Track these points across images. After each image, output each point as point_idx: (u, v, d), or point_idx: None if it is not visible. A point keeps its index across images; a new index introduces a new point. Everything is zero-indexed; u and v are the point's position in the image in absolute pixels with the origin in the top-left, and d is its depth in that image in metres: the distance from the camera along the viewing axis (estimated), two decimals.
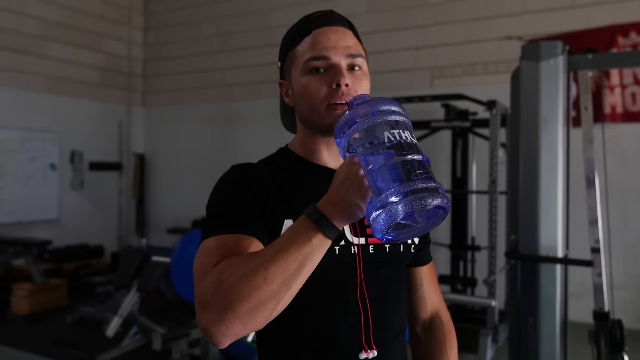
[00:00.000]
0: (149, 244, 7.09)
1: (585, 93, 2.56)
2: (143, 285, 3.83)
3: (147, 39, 7.72)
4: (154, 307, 4.63)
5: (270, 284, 0.79)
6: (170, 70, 7.48)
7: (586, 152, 2.56)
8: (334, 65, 0.99)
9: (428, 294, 1.20)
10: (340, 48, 1.00)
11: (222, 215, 0.95)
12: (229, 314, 0.79)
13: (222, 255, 0.87)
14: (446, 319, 1.21)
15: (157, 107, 7.64)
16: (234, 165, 1.06)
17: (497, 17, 5.29)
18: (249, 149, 6.78)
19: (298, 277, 0.81)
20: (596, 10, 4.90)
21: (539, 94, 2.49)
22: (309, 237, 0.82)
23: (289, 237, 0.83)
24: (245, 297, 0.78)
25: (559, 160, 2.49)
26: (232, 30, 6.93)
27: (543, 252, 2.50)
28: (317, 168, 1.08)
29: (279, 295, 0.80)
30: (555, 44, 2.50)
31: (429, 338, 1.19)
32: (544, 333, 2.52)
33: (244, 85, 6.84)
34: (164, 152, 7.51)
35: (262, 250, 0.86)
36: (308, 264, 0.82)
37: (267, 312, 0.80)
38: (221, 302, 0.79)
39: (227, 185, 1.02)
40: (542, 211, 2.50)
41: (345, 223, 0.84)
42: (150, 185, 7.62)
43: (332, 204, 0.83)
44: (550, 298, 2.51)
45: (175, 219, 7.17)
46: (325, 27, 1.02)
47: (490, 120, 3.98)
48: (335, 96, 0.98)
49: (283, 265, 0.80)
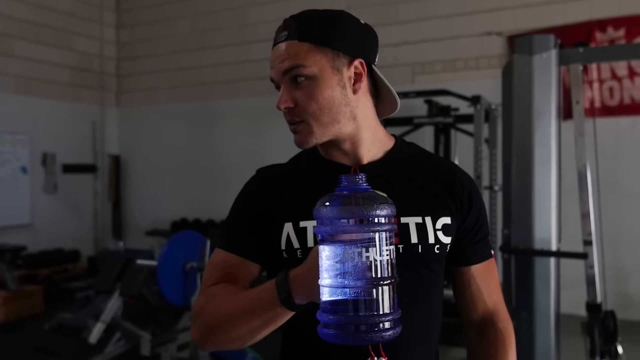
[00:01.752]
0: (127, 247, 6.96)
1: (576, 86, 2.57)
2: (126, 289, 3.73)
3: (119, 37, 7.56)
4: (135, 311, 4.53)
5: (237, 331, 0.93)
6: (145, 69, 7.33)
7: (578, 146, 2.57)
8: (279, 85, 1.00)
9: (478, 295, 1.10)
10: (276, 68, 0.98)
11: (231, 229, 1.06)
12: (206, 338, 0.97)
13: (220, 275, 1.02)
14: (502, 325, 1.10)
15: (132, 107, 7.48)
16: (258, 170, 1.11)
17: (477, 12, 5.32)
18: (228, 148, 6.69)
19: (262, 331, 0.92)
20: (574, 6, 4.97)
21: (532, 88, 2.49)
22: (273, 306, 0.88)
23: (258, 297, 0.91)
24: (218, 334, 0.95)
25: (552, 153, 2.49)
26: (208, 28, 6.82)
27: (537, 245, 2.49)
28: (330, 165, 1.06)
29: (245, 339, 0.94)
30: (547, 37, 2.50)
31: (481, 344, 1.11)
32: (539, 326, 2.52)
33: (222, 83, 6.75)
34: (140, 152, 7.36)
35: (238, 296, 0.95)
36: (271, 324, 0.91)
37: (237, 345, 0.96)
38: (203, 328, 0.97)
39: (240, 197, 1.09)
40: (536, 205, 2.49)
41: (308, 302, 0.87)
42: (127, 186, 7.46)
43: (300, 284, 0.86)
44: (544, 291, 2.51)
45: (153, 220, 7.04)
46: (275, 44, 1.00)
47: (475, 115, 3.99)
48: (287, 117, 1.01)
49: (249, 321, 0.91)
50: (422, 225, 1.01)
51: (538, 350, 2.51)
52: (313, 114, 0.98)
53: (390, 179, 1.05)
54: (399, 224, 1.00)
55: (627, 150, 4.75)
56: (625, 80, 4.84)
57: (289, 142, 4.90)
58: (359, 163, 1.05)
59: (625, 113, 4.82)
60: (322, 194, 0.84)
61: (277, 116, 5.56)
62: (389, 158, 1.07)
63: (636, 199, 4.74)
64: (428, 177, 1.08)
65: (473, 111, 4.01)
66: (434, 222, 1.02)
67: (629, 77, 4.83)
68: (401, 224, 1.00)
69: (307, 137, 1.00)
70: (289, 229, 0.99)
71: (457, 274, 1.10)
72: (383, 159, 1.06)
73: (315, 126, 1.00)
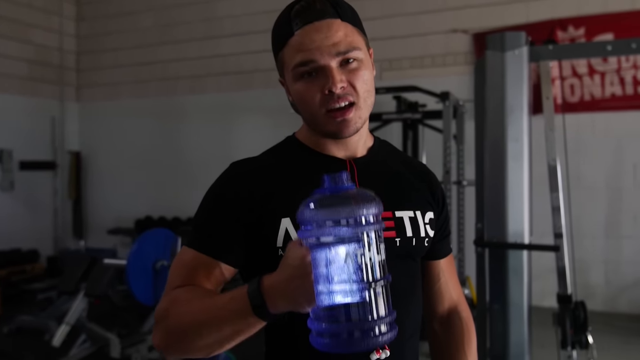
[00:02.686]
0: (88, 246, 6.79)
1: (546, 83, 2.62)
2: (92, 289, 3.63)
3: (80, 30, 7.34)
4: (99, 312, 4.41)
5: (204, 340, 0.86)
6: (107, 63, 7.14)
7: (548, 141, 2.63)
8: (323, 67, 0.91)
9: (445, 288, 1.15)
10: (326, 48, 0.91)
11: (201, 227, 0.98)
12: (168, 347, 0.89)
13: (187, 275, 0.94)
14: (465, 315, 1.16)
15: (93, 102, 7.28)
16: (231, 164, 1.02)
17: (442, 10, 5.38)
18: (194, 144, 6.59)
19: (231, 341, 0.86)
20: (536, 5, 5.08)
21: (505, 84, 2.52)
22: (245, 316, 0.81)
23: (228, 307, 0.83)
24: (182, 342, 0.87)
25: (524, 149, 2.54)
26: (173, 22, 6.70)
27: (511, 239, 2.54)
28: (324, 158, 1.02)
29: (212, 348, 0.87)
30: (519, 34, 2.54)
31: (446, 334, 1.15)
32: (513, 318, 2.57)
33: (188, 78, 6.63)
34: (102, 149, 7.17)
35: (207, 303, 0.87)
36: (242, 334, 0.85)
37: (204, 354, 0.88)
38: (165, 334, 0.89)
39: (215, 194, 1.00)
40: (509, 199, 2.54)
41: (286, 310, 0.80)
42: (88, 184, 7.26)
43: (277, 293, 0.78)
44: (518, 283, 2.56)
45: (116, 219, 6.88)
46: (307, 25, 0.92)
47: (444, 111, 4.04)
48: (331, 101, 0.92)
49: (218, 330, 0.84)
50: (414, 219, 1.03)
51: (512, 341, 2.56)
52: (363, 95, 0.94)
53: (381, 173, 1.05)
54: (394, 217, 1.01)
55: (587, 146, 4.89)
56: (585, 77, 4.98)
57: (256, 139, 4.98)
58: (354, 156, 1.04)
59: (585, 109, 4.96)
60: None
61: (245, 112, 5.58)
62: (374, 154, 1.07)
63: (596, 192, 4.89)
64: (411, 174, 1.11)
65: (442, 107, 4.05)
66: (423, 216, 1.05)
67: (588, 74, 4.97)
68: (396, 218, 1.01)
69: (357, 122, 0.95)
70: (287, 225, 0.93)
71: (427, 267, 1.13)
72: (369, 155, 1.06)
73: (364, 110, 0.96)
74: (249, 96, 6.26)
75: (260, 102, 6.16)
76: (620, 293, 4.89)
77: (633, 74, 4.81)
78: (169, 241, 3.12)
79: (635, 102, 4.83)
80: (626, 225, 4.88)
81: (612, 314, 4.67)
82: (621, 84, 4.86)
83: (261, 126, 6.17)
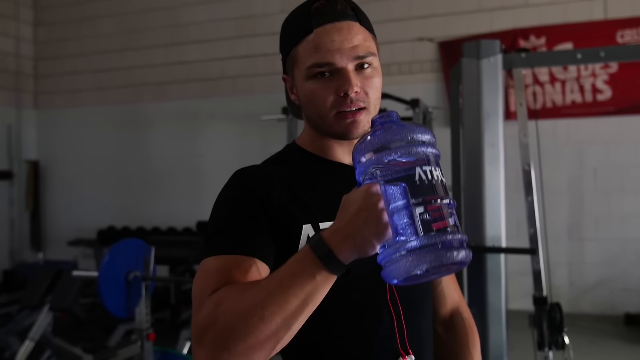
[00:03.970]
0: (47, 259, 6.56)
1: (520, 90, 2.69)
2: (58, 302, 3.49)
3: (37, 35, 7.11)
4: (63, 326, 4.26)
5: (269, 324, 0.74)
6: (67, 70, 6.94)
7: (522, 146, 2.69)
8: (339, 69, 0.91)
9: (448, 290, 1.16)
10: (345, 50, 0.90)
11: (223, 232, 0.89)
12: (224, 354, 0.75)
13: (220, 280, 0.82)
14: (467, 315, 1.17)
15: (52, 109, 7.06)
16: (237, 171, 0.98)
17: (409, 19, 5.46)
18: (158, 153, 6.47)
19: (299, 316, 0.76)
20: (499, 15, 5.22)
21: (481, 90, 2.57)
22: (312, 274, 0.75)
23: (290, 272, 0.76)
24: (242, 337, 0.74)
25: (500, 154, 2.59)
26: (136, 28, 6.57)
27: (489, 242, 2.58)
28: (331, 165, 1.01)
29: (278, 335, 0.75)
30: (494, 42, 2.59)
31: (450, 335, 1.14)
32: (492, 321, 2.60)
33: (152, 85, 6.51)
34: (62, 157, 6.95)
35: (261, 283, 0.79)
36: (310, 302, 0.76)
37: (266, 351, 0.76)
38: (216, 341, 0.75)
39: (230, 195, 0.94)
40: (487, 203, 2.58)
41: (353, 258, 0.76)
42: (47, 194, 7.02)
43: (342, 236, 0.74)
44: (496, 286, 2.60)
45: (77, 229, 6.67)
46: (328, 24, 0.91)
47: (414, 118, 4.09)
48: (344, 104, 0.91)
49: (283, 304, 0.75)
50: None
51: (491, 343, 2.59)
52: (373, 102, 0.94)
53: None
54: None
55: (549, 152, 5.03)
56: (547, 85, 5.14)
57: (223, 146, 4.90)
58: None
59: (546, 116, 5.11)
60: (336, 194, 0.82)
61: (211, 120, 5.50)
62: None
63: (558, 196, 5.03)
64: None
65: (411, 114, 4.11)
66: None
67: (550, 82, 5.13)
68: None
69: (365, 125, 0.94)
70: (309, 231, 0.92)
71: None
72: None
73: (372, 116, 0.94)
74: (215, 103, 6.19)
75: (226, 109, 6.11)
76: (583, 294, 5.04)
77: (592, 82, 4.99)
78: (141, 252, 3.04)
79: (594, 110, 5.01)
80: (588, 228, 5.04)
81: (576, 314, 4.80)
82: (581, 91, 5.03)
83: (228, 133, 6.11)
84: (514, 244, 2.70)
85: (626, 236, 4.91)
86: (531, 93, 5.14)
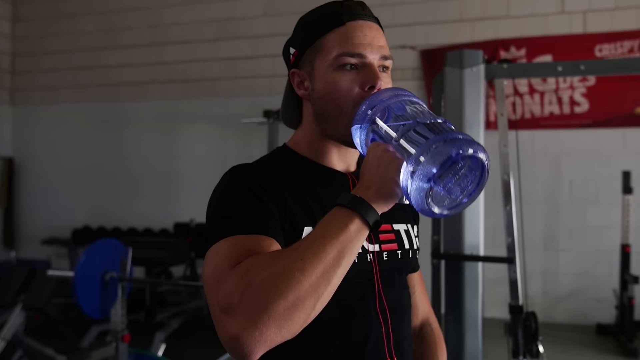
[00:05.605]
0: (19, 257, 6.43)
1: (501, 100, 2.72)
2: (31, 302, 3.43)
3: (15, 31, 6.99)
4: (34, 326, 4.18)
5: (309, 277, 0.72)
6: (45, 66, 6.82)
7: (502, 156, 2.72)
8: (368, 64, 0.93)
9: (419, 300, 1.19)
10: (375, 47, 0.94)
11: (234, 216, 0.85)
12: (263, 316, 0.70)
13: (240, 255, 0.78)
14: (435, 326, 1.20)
15: (29, 106, 6.93)
16: (236, 166, 0.96)
17: (391, 26, 5.48)
18: (136, 153, 6.40)
19: (338, 269, 0.75)
20: (481, 25, 5.28)
21: (463, 100, 2.60)
22: (345, 223, 0.77)
23: (323, 226, 0.78)
24: (282, 294, 0.70)
25: None
26: (116, 27, 6.49)
27: (467, 251, 2.60)
28: (328, 171, 1.01)
29: (319, 289, 0.73)
30: (476, 52, 2.63)
31: (420, 345, 1.17)
32: (468, 328, 2.62)
33: (131, 84, 6.44)
34: (38, 155, 6.83)
35: (292, 245, 0.78)
36: (347, 252, 0.76)
37: (306, 311, 0.73)
38: (253, 303, 0.70)
39: (237, 185, 0.91)
40: (466, 212, 2.60)
41: (383, 204, 0.80)
42: (21, 192, 6.89)
43: (366, 187, 0.80)
44: (473, 295, 2.62)
45: (52, 228, 6.55)
46: (360, 20, 0.95)
47: None
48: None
49: (321, 255, 0.74)
50: (407, 232, 1.07)
51: (467, 351, 2.61)
52: None
53: None
54: (393, 230, 1.02)
55: (526, 162, 5.09)
56: (526, 96, 5.22)
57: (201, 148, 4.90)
58: (349, 169, 1.05)
59: (525, 127, 5.18)
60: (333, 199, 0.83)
61: (190, 121, 5.49)
62: (359, 167, 1.07)
63: (534, 206, 5.10)
64: None
65: None
66: (413, 229, 1.07)
67: (529, 93, 5.21)
68: (395, 230, 1.02)
69: None
70: None
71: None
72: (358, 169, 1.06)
73: None
74: (195, 105, 6.15)
75: (207, 111, 6.07)
76: (556, 303, 5.11)
77: (570, 94, 5.08)
78: (118, 252, 3.00)
79: (572, 121, 5.10)
80: (563, 238, 5.12)
81: (550, 323, 4.87)
82: (559, 103, 5.12)
83: (207, 136, 6.08)
84: (491, 252, 2.73)
85: (599, 247, 5.00)
86: (510, 104, 5.21)
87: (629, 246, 4.45)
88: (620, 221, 4.58)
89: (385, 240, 1.00)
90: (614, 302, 4.69)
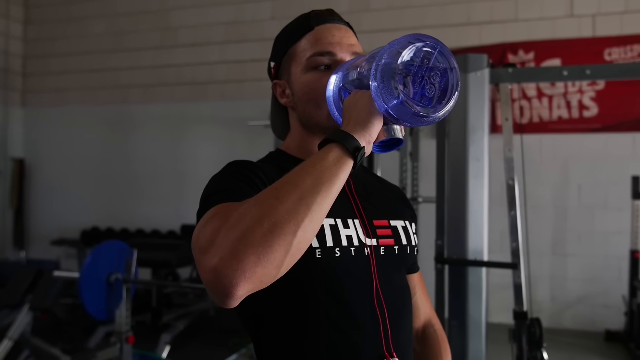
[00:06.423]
0: (29, 257, 6.50)
1: (506, 104, 2.71)
2: (38, 302, 3.46)
3: (27, 33, 7.06)
4: (42, 326, 4.21)
5: (284, 202, 0.72)
6: (55, 69, 6.89)
7: (507, 160, 2.71)
8: (339, 61, 0.97)
9: (421, 302, 1.18)
10: (345, 45, 0.98)
11: (222, 191, 0.85)
12: (239, 244, 0.69)
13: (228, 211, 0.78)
14: (438, 327, 1.19)
15: (40, 108, 7.00)
16: (233, 161, 0.98)
17: (399, 29, 5.48)
18: (144, 155, 6.44)
19: (317, 195, 0.74)
20: (489, 29, 5.26)
21: (467, 104, 2.59)
22: (324, 152, 0.79)
23: (308, 161, 0.80)
24: (257, 220, 0.70)
25: (484, 167, 2.60)
26: (125, 29, 6.54)
27: (471, 256, 2.59)
28: None
29: (298, 215, 0.72)
30: (481, 56, 2.61)
31: (424, 347, 1.16)
32: (472, 334, 2.61)
33: (140, 87, 6.48)
34: (48, 156, 6.89)
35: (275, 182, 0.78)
36: (326, 179, 0.75)
37: (286, 237, 0.70)
38: (229, 234, 0.70)
39: (229, 169, 0.93)
40: (470, 217, 2.59)
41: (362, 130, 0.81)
42: (31, 192, 6.95)
43: (345, 124, 0.84)
44: (477, 300, 2.61)
45: (61, 229, 6.60)
46: (328, 23, 1.00)
47: None
48: None
49: (296, 182, 0.74)
50: (405, 228, 1.08)
51: (470, 356, 2.60)
52: None
53: (370, 186, 1.09)
54: (390, 226, 1.04)
55: (534, 166, 5.08)
56: (534, 100, 5.19)
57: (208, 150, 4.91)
58: None
59: (533, 131, 5.15)
60: None
61: (197, 124, 5.49)
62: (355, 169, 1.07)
63: (542, 211, 5.07)
64: (387, 188, 1.13)
65: None
66: (411, 226, 1.08)
67: (537, 97, 5.18)
68: (392, 226, 1.04)
69: None
70: None
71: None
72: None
73: None
74: (203, 107, 6.18)
75: (214, 114, 6.09)
76: (565, 309, 5.07)
77: (578, 99, 5.04)
78: (124, 254, 3.02)
79: (580, 125, 5.06)
80: (571, 243, 5.08)
81: (557, 329, 4.83)
82: (567, 107, 5.08)
83: (214, 138, 6.10)
84: (498, 257, 2.72)
85: (608, 253, 4.95)
86: (518, 107, 5.18)
87: (638, 252, 4.41)
88: (629, 227, 4.53)
89: (382, 235, 1.01)
90: (623, 309, 4.65)
